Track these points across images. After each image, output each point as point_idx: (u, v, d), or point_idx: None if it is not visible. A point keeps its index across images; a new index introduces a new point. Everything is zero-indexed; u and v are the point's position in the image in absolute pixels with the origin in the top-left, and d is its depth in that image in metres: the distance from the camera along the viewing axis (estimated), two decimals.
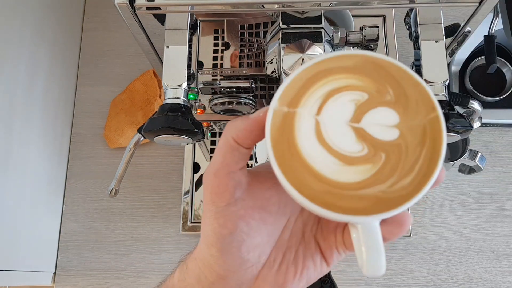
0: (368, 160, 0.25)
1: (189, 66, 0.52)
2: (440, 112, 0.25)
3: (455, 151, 0.75)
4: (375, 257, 0.25)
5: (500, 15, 0.70)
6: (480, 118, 0.65)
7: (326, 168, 0.25)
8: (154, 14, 0.50)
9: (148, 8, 0.48)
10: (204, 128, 0.53)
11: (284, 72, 0.47)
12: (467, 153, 0.69)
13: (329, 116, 0.25)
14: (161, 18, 0.52)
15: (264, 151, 0.54)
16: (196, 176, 0.78)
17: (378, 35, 0.56)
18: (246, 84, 0.61)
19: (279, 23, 0.51)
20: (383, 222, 0.25)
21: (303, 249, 0.29)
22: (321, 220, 0.30)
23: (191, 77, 0.53)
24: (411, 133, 0.25)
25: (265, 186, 0.29)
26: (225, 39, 0.70)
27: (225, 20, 0.71)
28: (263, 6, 0.49)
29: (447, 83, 0.48)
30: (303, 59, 0.47)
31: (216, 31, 0.74)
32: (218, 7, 0.53)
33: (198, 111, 0.72)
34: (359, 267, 0.25)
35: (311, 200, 0.24)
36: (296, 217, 0.30)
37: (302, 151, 0.25)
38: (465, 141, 0.70)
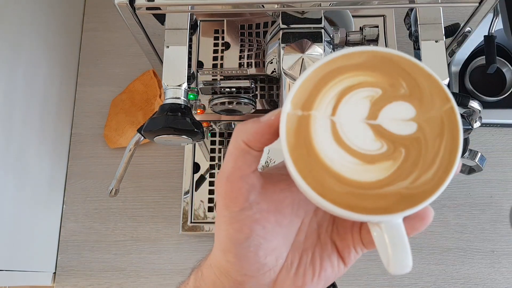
0: (388, 157, 0.24)
1: (189, 66, 0.52)
2: (454, 102, 0.25)
3: None
4: (402, 255, 0.24)
5: (500, 15, 0.70)
6: (480, 118, 0.65)
7: (346, 169, 0.24)
8: (154, 14, 0.50)
9: (148, 8, 0.48)
10: (204, 128, 0.53)
11: (284, 72, 0.47)
12: (467, 153, 0.69)
13: (344, 116, 0.25)
14: (161, 18, 0.52)
15: (264, 153, 0.54)
16: (196, 176, 0.78)
17: (378, 35, 0.56)
18: (246, 84, 0.61)
19: (279, 23, 0.51)
20: (405, 218, 0.25)
21: (319, 250, 0.29)
22: (336, 220, 0.30)
23: (191, 77, 0.53)
24: (429, 126, 0.25)
25: (278, 188, 0.28)
26: (225, 39, 0.70)
27: (225, 20, 0.71)
28: (263, 6, 0.49)
29: (447, 83, 0.48)
30: (303, 59, 0.47)
31: (216, 31, 0.74)
32: (218, 7, 0.53)
33: (198, 111, 0.72)
34: (384, 266, 0.24)
35: (334, 203, 0.24)
36: (310, 218, 0.30)
37: (321, 153, 0.24)
38: (465, 141, 0.70)
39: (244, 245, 0.27)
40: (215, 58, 0.73)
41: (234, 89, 0.62)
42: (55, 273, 0.80)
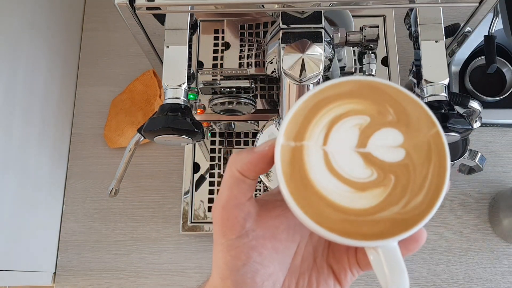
0: (379, 184, 0.25)
1: (189, 66, 0.52)
2: (439, 126, 0.26)
3: (455, 151, 0.75)
4: (399, 276, 0.25)
5: (500, 15, 0.70)
6: (480, 118, 0.65)
7: (340, 197, 0.25)
8: (154, 14, 0.50)
9: (148, 8, 0.48)
10: (204, 128, 0.53)
11: (284, 72, 0.47)
12: (467, 153, 0.69)
13: (335, 145, 0.26)
14: (161, 18, 0.52)
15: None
16: (196, 176, 0.78)
17: (378, 35, 0.56)
18: (246, 84, 0.61)
19: (279, 23, 0.51)
20: (400, 241, 0.25)
21: (316, 274, 0.29)
22: (331, 243, 0.30)
23: (191, 77, 0.53)
24: (417, 151, 0.26)
25: (273, 214, 0.29)
26: (225, 39, 0.70)
27: (225, 20, 0.71)
28: (263, 6, 0.49)
29: (447, 83, 0.48)
30: (303, 59, 0.47)
31: (216, 31, 0.74)
32: (218, 7, 0.53)
33: (198, 111, 0.72)
34: (382, 287, 0.25)
35: (331, 231, 0.24)
36: (306, 242, 0.30)
37: (315, 183, 0.25)
38: (465, 141, 0.70)
39: (241, 271, 0.27)
40: (215, 58, 0.73)
41: (234, 89, 0.62)
42: (55, 273, 0.80)
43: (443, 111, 0.46)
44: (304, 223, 0.25)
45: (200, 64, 0.73)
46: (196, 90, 0.63)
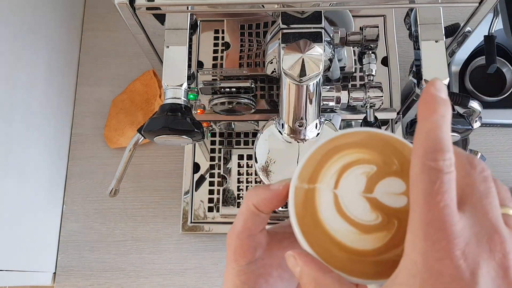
0: (383, 228, 0.28)
1: (189, 66, 0.52)
2: None
3: None
4: None
5: (500, 15, 0.70)
6: (480, 118, 0.65)
7: (347, 238, 0.28)
8: (154, 14, 0.50)
9: (148, 8, 0.48)
10: (204, 128, 0.53)
11: (284, 72, 0.47)
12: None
13: (345, 189, 0.28)
14: (161, 18, 0.52)
15: (264, 153, 0.54)
16: (196, 176, 0.78)
17: (378, 35, 0.56)
18: (246, 84, 0.61)
19: (279, 23, 0.51)
20: None
21: None
22: None
23: (191, 77, 0.53)
24: None
25: (282, 245, 0.32)
26: (225, 39, 0.71)
27: (225, 20, 0.71)
28: (263, 6, 0.49)
29: (447, 83, 0.48)
30: (303, 59, 0.47)
31: (216, 31, 0.74)
32: (218, 7, 0.52)
33: (198, 111, 0.72)
34: None
35: (337, 269, 0.27)
36: None
37: (325, 223, 0.28)
38: (465, 141, 0.70)
39: None
40: (215, 58, 0.73)
41: (234, 89, 0.62)
42: (55, 273, 0.80)
43: None
44: None
45: (200, 64, 0.73)
46: (196, 90, 0.63)
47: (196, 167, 0.78)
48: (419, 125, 0.24)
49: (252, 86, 0.61)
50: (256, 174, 0.76)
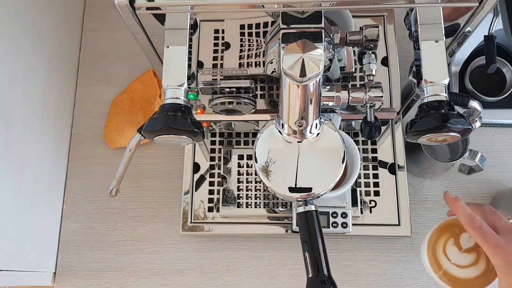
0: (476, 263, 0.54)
1: (189, 66, 0.51)
2: None
3: (455, 151, 0.75)
4: None
5: (500, 15, 0.70)
6: (480, 118, 0.65)
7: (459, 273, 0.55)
8: (154, 14, 0.50)
9: (148, 8, 0.48)
10: (204, 128, 0.53)
11: (284, 72, 0.47)
12: (467, 153, 0.69)
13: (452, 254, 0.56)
14: (161, 18, 0.52)
15: (264, 153, 0.54)
16: (196, 176, 0.78)
17: (378, 35, 0.56)
18: (246, 84, 0.61)
19: (279, 23, 0.51)
20: None
21: None
22: None
23: (191, 77, 0.53)
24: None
25: None
26: (225, 39, 0.71)
27: (225, 20, 0.71)
28: (263, 6, 0.49)
29: (447, 83, 0.48)
30: (303, 59, 0.47)
31: (216, 31, 0.74)
32: (218, 7, 0.52)
33: (198, 111, 0.72)
34: None
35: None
36: None
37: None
38: (465, 141, 0.70)
39: None
40: (215, 58, 0.73)
41: (234, 89, 0.62)
42: (55, 273, 0.80)
43: (443, 111, 0.46)
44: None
45: (200, 64, 0.73)
46: (196, 90, 0.63)
47: (196, 167, 0.78)
48: (453, 209, 0.52)
49: (252, 86, 0.61)
50: (256, 174, 0.76)
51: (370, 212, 0.74)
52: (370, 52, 0.58)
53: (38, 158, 0.77)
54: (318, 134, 0.54)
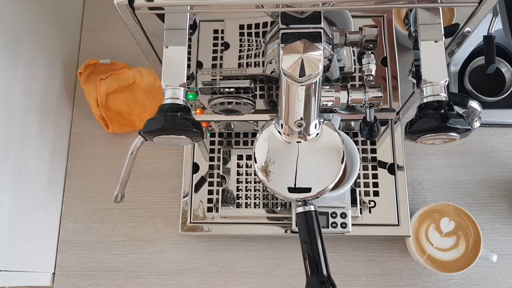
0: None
1: (189, 66, 0.51)
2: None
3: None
4: None
5: (499, 15, 0.70)
6: (480, 118, 0.65)
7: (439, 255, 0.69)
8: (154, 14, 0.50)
9: (148, 8, 0.48)
10: (204, 128, 0.53)
11: (283, 73, 0.47)
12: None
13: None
14: (162, 17, 0.52)
15: (263, 153, 0.54)
16: (196, 176, 0.78)
17: (377, 35, 0.56)
18: (245, 84, 0.61)
19: (279, 23, 0.51)
20: None
21: None
22: None
23: (190, 77, 0.53)
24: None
25: None
26: (225, 39, 0.70)
27: (224, 20, 0.71)
28: (263, 6, 0.49)
29: (446, 83, 0.48)
30: (302, 59, 0.47)
31: (216, 31, 0.74)
32: (218, 7, 0.52)
33: (198, 111, 0.72)
34: None
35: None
36: None
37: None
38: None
39: None
40: (214, 58, 0.73)
41: (234, 89, 0.62)
42: (54, 273, 0.80)
43: (442, 111, 0.46)
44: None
45: (199, 64, 0.73)
46: (195, 90, 0.63)
47: (195, 167, 0.78)
48: None
49: (252, 86, 0.61)
50: (255, 174, 0.76)
51: (370, 212, 0.74)
52: (370, 52, 0.58)
53: (37, 158, 0.77)
54: (317, 134, 0.54)
